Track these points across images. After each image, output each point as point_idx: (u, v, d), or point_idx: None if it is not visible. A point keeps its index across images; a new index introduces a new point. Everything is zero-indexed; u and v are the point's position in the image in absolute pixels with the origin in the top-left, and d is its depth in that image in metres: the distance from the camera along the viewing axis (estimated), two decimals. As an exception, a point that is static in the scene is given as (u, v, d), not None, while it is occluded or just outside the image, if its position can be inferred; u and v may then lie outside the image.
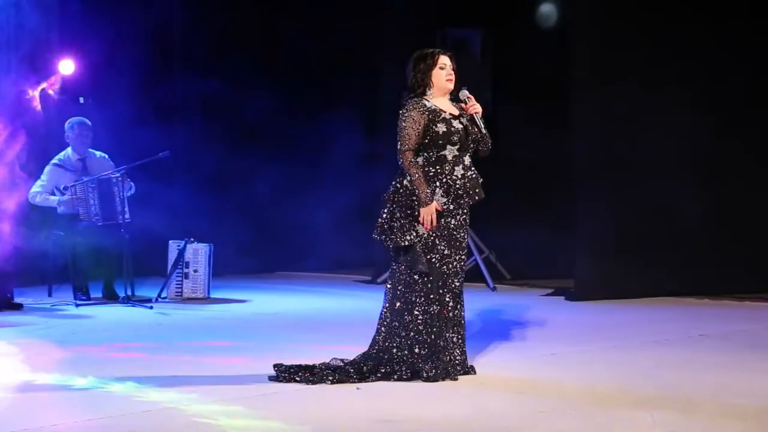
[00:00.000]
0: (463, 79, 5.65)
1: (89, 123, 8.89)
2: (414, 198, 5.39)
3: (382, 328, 5.47)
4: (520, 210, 10.05)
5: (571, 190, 9.11)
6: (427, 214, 5.36)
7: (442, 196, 5.42)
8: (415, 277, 5.42)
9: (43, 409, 4.68)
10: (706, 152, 9.02)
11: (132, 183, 8.76)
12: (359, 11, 11.01)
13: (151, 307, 8.36)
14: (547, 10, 10.27)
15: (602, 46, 8.99)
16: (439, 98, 5.55)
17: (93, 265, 8.62)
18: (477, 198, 5.50)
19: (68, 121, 8.89)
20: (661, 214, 9.02)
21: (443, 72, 5.54)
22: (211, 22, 10.74)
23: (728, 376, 5.54)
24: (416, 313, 5.40)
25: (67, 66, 9.37)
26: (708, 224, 9.03)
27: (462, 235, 5.52)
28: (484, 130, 5.53)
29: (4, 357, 6.11)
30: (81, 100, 9.77)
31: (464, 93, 5.58)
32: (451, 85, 5.58)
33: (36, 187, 8.68)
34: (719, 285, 8.98)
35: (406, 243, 5.38)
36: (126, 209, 8.55)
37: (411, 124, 5.40)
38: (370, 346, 5.49)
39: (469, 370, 5.49)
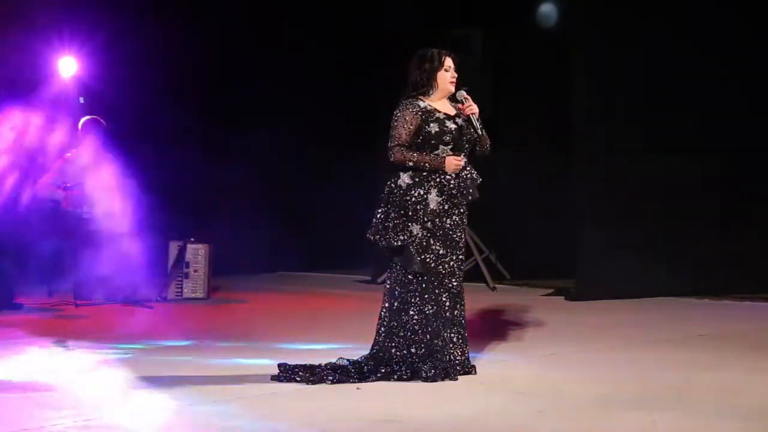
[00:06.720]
0: (463, 80, 5.65)
1: (103, 122, 8.90)
2: (407, 198, 5.38)
3: (382, 329, 5.47)
4: (520, 210, 10.06)
5: (571, 189, 9.11)
6: (451, 165, 5.38)
7: (437, 195, 5.42)
8: (410, 277, 5.43)
9: (42, 409, 4.68)
10: (706, 156, 9.03)
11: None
12: (359, 12, 11.01)
13: (152, 307, 8.35)
14: (547, 10, 10.27)
15: (603, 46, 9.00)
16: (438, 98, 5.55)
17: (93, 264, 8.61)
18: (471, 198, 5.48)
19: (81, 119, 8.91)
20: (661, 214, 9.03)
21: (447, 74, 5.57)
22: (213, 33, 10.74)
23: (728, 376, 5.54)
24: (411, 313, 5.41)
25: (67, 66, 9.36)
26: (708, 225, 9.03)
27: (459, 234, 5.52)
28: (480, 131, 5.53)
29: (3, 357, 6.10)
30: (81, 100, 9.76)
31: (461, 93, 5.57)
32: (453, 88, 5.60)
33: (46, 180, 8.69)
34: (719, 285, 8.98)
35: (399, 243, 5.39)
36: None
37: (402, 123, 5.44)
38: (372, 346, 5.50)
39: (470, 370, 5.48)
